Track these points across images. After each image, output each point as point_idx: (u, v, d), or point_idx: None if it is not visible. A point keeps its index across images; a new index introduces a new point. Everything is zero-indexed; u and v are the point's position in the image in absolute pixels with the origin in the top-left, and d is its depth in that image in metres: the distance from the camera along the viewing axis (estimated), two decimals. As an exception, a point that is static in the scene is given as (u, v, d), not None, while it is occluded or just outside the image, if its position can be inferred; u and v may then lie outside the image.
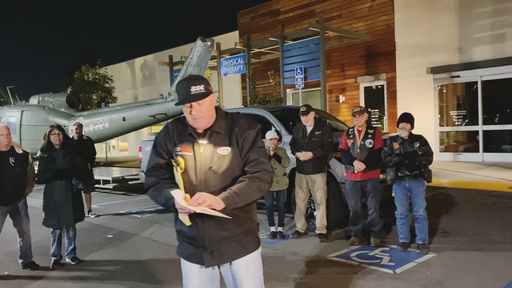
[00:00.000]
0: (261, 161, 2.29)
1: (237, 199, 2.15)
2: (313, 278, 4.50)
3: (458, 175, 10.16)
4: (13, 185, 5.00)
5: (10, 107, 16.87)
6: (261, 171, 2.27)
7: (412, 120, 5.25)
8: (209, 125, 2.30)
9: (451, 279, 4.27)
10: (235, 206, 2.15)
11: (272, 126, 7.21)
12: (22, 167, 5.11)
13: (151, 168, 2.38)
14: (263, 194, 2.29)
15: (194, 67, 12.23)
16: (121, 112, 13.62)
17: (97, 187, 9.81)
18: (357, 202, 5.59)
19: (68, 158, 5.23)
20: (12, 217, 5.16)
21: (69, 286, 4.65)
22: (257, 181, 2.23)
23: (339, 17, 15.68)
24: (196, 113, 2.23)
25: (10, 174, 4.96)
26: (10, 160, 4.99)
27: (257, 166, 2.27)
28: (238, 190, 2.17)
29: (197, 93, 2.22)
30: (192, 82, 2.24)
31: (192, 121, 2.27)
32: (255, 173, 2.25)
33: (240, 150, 2.29)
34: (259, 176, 2.25)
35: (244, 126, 2.32)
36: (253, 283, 2.38)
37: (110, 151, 25.07)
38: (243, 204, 2.20)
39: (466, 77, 12.87)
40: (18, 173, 5.05)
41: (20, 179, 5.09)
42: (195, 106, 2.23)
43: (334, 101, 15.97)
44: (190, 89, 2.22)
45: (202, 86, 2.24)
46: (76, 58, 31.71)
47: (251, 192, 2.21)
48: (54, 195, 5.19)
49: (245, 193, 2.19)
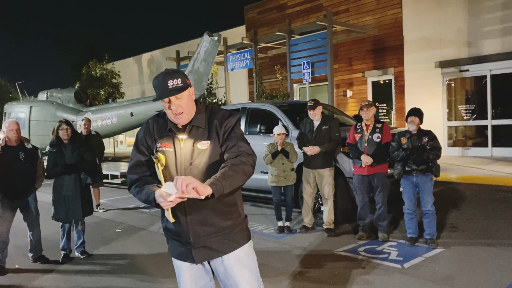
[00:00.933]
0: (240, 145, 2.20)
1: (224, 183, 2.01)
2: (320, 273, 4.50)
3: (467, 170, 10.10)
4: (23, 180, 5.05)
5: (19, 103, 17.02)
6: (242, 154, 2.17)
7: (421, 114, 5.23)
8: (189, 120, 2.25)
9: (460, 274, 4.26)
10: (222, 191, 2.00)
11: (279, 121, 7.21)
12: (32, 162, 5.16)
13: (133, 166, 2.33)
14: (249, 177, 2.17)
15: (201, 62, 12.25)
16: (129, 108, 13.69)
17: (105, 182, 9.89)
18: (364, 197, 5.59)
19: (76, 153, 5.28)
20: (22, 211, 5.22)
21: (79, 279, 4.70)
22: (240, 164, 2.11)
23: (347, 11, 15.59)
24: (175, 108, 2.17)
25: (20, 169, 5.01)
26: (20, 155, 5.04)
27: (237, 150, 2.18)
28: (223, 175, 2.05)
29: (175, 87, 2.15)
30: (168, 76, 2.17)
31: (173, 117, 2.21)
32: (237, 157, 2.15)
33: (220, 140, 2.23)
34: (240, 159, 2.13)
35: (223, 116, 2.27)
36: (248, 276, 2.32)
37: (118, 146, 25.22)
38: (230, 190, 2.07)
39: (475, 71, 12.76)
40: (28, 168, 5.10)
41: (29, 174, 5.13)
42: (174, 100, 2.17)
43: (341, 95, 15.91)
44: (167, 83, 2.15)
45: (180, 79, 2.17)
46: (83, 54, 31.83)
47: (236, 176, 2.07)
48: (63, 189, 5.24)
49: (231, 177, 2.05)
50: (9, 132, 5.00)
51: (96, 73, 22.75)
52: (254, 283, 2.35)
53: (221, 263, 2.32)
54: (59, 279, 4.76)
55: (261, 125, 7.49)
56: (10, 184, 4.95)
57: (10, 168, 4.94)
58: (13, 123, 5.05)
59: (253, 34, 15.61)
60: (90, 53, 29.63)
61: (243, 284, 2.31)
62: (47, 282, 4.67)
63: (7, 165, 4.92)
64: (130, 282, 4.54)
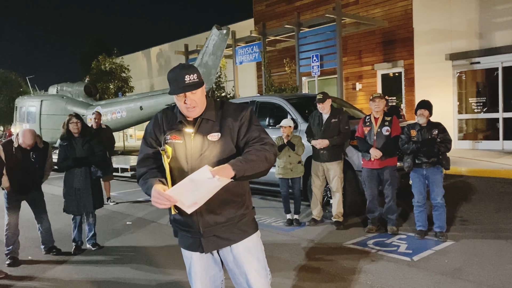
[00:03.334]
0: (263, 136, 2.25)
1: (246, 166, 2.07)
2: (329, 265, 4.51)
3: (477, 163, 10.02)
4: (31, 178, 5.18)
5: (30, 97, 17.18)
6: (267, 144, 2.22)
7: (431, 107, 5.19)
8: (201, 113, 2.29)
9: (469, 267, 4.24)
10: (243, 173, 2.06)
11: (288, 114, 7.20)
12: (42, 161, 5.27)
13: (142, 159, 2.37)
14: (270, 165, 2.21)
15: (209, 56, 12.24)
16: (138, 101, 13.76)
17: (115, 175, 9.97)
18: (373, 190, 5.57)
19: (87, 146, 5.33)
20: (30, 204, 5.32)
21: (90, 270, 4.77)
22: (264, 151, 2.17)
23: (356, 3, 15.45)
24: (190, 103, 2.21)
25: (29, 169, 5.13)
26: (31, 155, 5.13)
27: (261, 141, 2.23)
28: (246, 159, 2.11)
29: (191, 83, 2.19)
30: (185, 71, 2.20)
31: (186, 111, 2.25)
32: (262, 145, 2.21)
33: (239, 134, 2.26)
34: (265, 147, 2.19)
35: (236, 111, 2.30)
36: (257, 265, 2.37)
37: (127, 140, 25.37)
38: (251, 173, 2.12)
39: (487, 63, 12.60)
40: (37, 167, 5.22)
41: (38, 172, 5.25)
42: (189, 95, 2.20)
43: (350, 88, 15.82)
44: (184, 78, 2.18)
45: (196, 75, 2.21)
46: (93, 48, 31.99)
47: (258, 161, 2.13)
48: (74, 182, 5.31)
49: (253, 161, 2.11)
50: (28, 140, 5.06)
51: (106, 67, 22.86)
52: (262, 272, 2.38)
53: (230, 252, 2.36)
54: (71, 270, 4.84)
55: (269, 118, 7.49)
56: (18, 181, 5.06)
57: (20, 167, 5.04)
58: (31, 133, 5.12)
59: (262, 27, 15.55)
60: (100, 48, 29.77)
61: (252, 273, 2.34)
62: (59, 273, 4.75)
63: (17, 164, 5.02)
64: (140, 273, 4.60)
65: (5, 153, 4.96)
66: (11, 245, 5.09)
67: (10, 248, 5.08)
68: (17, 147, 5.06)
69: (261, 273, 2.38)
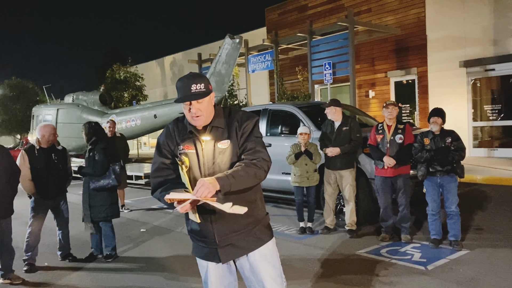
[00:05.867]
0: (258, 150, 2.28)
1: (232, 181, 2.11)
2: (342, 274, 4.50)
3: (493, 171, 9.89)
4: (56, 181, 5.25)
5: (47, 106, 17.49)
6: (259, 159, 2.24)
7: (444, 115, 5.16)
8: (208, 122, 2.32)
9: (485, 277, 4.19)
10: (229, 188, 2.10)
11: (301, 122, 7.22)
12: (64, 163, 5.37)
13: (157, 169, 2.38)
14: (259, 181, 2.26)
15: (222, 64, 12.34)
16: (152, 110, 13.89)
17: (129, 183, 10.06)
18: (387, 198, 5.54)
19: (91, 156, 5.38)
20: (53, 211, 5.40)
21: (104, 278, 4.82)
22: (254, 167, 2.20)
23: (369, 11, 15.45)
24: (195, 111, 2.25)
25: (54, 170, 5.21)
26: (53, 156, 5.23)
27: (254, 154, 2.25)
28: (234, 173, 2.14)
29: (197, 92, 2.23)
30: (192, 80, 2.25)
31: (190, 119, 2.30)
32: (252, 160, 2.23)
33: (239, 142, 2.30)
34: (256, 163, 2.22)
35: (242, 118, 2.34)
36: (273, 273, 2.39)
37: (141, 148, 25.58)
38: (237, 189, 2.15)
39: (502, 70, 12.46)
40: (61, 169, 5.30)
41: (62, 175, 5.33)
42: (195, 104, 2.24)
43: (363, 96, 15.77)
44: (190, 87, 2.23)
45: (203, 84, 2.25)
46: (108, 58, 32.44)
47: (247, 177, 2.17)
48: (83, 190, 5.42)
49: (241, 177, 2.15)
50: (50, 135, 5.19)
51: (120, 76, 23.15)
52: (278, 280, 2.41)
53: (246, 260, 2.38)
54: (86, 277, 4.90)
55: (282, 126, 7.52)
56: (45, 185, 5.15)
57: (46, 169, 5.14)
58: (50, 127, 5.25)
59: (274, 36, 15.63)
60: (114, 57, 30.18)
61: (268, 280, 2.37)
62: (74, 280, 4.81)
63: (43, 166, 5.12)
64: (155, 281, 4.64)
65: (29, 157, 5.08)
66: (30, 252, 5.17)
67: (29, 255, 5.16)
68: (39, 149, 5.17)
69: (277, 281, 2.40)
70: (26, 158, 5.07)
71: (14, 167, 4.73)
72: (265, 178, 2.28)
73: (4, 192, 4.56)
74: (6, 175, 4.56)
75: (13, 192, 4.74)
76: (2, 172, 4.52)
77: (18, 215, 5.59)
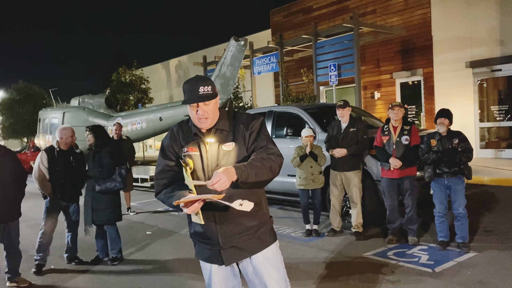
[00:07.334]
0: (270, 147, 2.29)
1: (250, 171, 2.10)
2: (349, 276, 4.47)
3: (501, 172, 9.81)
4: (73, 183, 5.29)
5: (53, 109, 17.59)
6: (272, 153, 2.25)
7: (451, 115, 5.13)
8: (213, 125, 2.33)
9: (493, 279, 4.15)
10: (246, 179, 2.09)
11: (306, 123, 7.20)
12: (81, 166, 5.41)
13: (161, 171, 2.40)
14: (273, 176, 2.25)
15: (227, 67, 12.34)
16: (158, 112, 13.92)
17: (135, 185, 10.09)
18: (393, 200, 5.51)
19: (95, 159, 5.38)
20: (65, 212, 5.42)
21: (110, 280, 4.83)
22: (269, 160, 2.21)
23: (373, 12, 15.42)
24: (202, 113, 2.26)
25: (71, 173, 5.25)
26: (71, 159, 5.27)
27: (267, 151, 2.26)
28: (251, 164, 2.14)
29: (205, 94, 2.25)
30: (200, 82, 2.26)
31: (197, 121, 2.30)
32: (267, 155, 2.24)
33: (247, 142, 2.30)
34: (270, 157, 2.23)
35: (248, 119, 2.36)
36: (276, 276, 2.38)
37: (147, 150, 25.66)
38: (254, 181, 2.14)
39: (508, 71, 12.36)
40: (78, 172, 5.34)
41: (79, 178, 5.38)
42: (202, 106, 2.26)
43: (369, 97, 15.72)
44: (198, 89, 2.24)
45: (210, 87, 2.27)
46: (113, 61, 32.60)
47: (263, 169, 2.16)
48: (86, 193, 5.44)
49: (258, 168, 2.14)
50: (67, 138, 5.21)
51: (126, 79, 23.24)
52: (281, 283, 2.40)
53: (249, 262, 2.38)
54: (92, 280, 4.91)
55: (287, 128, 7.50)
56: (62, 187, 5.19)
57: (64, 171, 5.18)
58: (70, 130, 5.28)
59: (279, 38, 15.62)
60: (119, 60, 30.31)
61: (271, 283, 2.36)
62: (80, 283, 4.82)
63: (62, 168, 5.17)
64: (160, 283, 4.64)
65: (49, 158, 5.13)
66: (42, 252, 5.20)
67: (41, 255, 5.20)
68: (58, 150, 5.21)
69: (281, 284, 2.39)
70: (45, 158, 5.12)
71: (21, 170, 4.76)
72: (278, 173, 2.28)
73: (11, 195, 4.59)
74: (13, 178, 4.58)
75: (21, 195, 4.77)
76: (9, 175, 4.55)
77: (26, 218, 5.61)
